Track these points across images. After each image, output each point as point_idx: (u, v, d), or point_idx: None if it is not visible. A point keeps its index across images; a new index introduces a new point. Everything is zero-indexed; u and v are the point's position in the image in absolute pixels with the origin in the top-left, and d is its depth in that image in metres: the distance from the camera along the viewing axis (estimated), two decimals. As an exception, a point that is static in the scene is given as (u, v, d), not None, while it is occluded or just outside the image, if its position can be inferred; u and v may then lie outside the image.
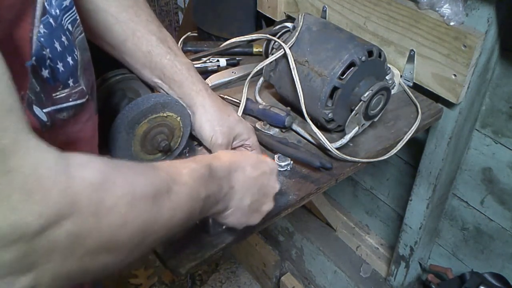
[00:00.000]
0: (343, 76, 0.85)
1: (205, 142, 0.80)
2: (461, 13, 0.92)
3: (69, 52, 0.52)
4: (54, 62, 0.50)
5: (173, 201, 0.46)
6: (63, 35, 0.51)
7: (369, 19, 1.09)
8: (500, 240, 1.19)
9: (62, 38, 0.51)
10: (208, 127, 0.77)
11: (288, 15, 1.31)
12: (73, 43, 0.54)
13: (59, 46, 0.50)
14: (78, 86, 0.55)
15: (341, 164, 0.86)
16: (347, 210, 1.68)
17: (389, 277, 1.49)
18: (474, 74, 0.96)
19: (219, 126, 0.77)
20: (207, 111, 0.77)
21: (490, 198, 1.17)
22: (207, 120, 0.77)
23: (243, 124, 0.81)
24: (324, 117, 0.88)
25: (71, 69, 0.53)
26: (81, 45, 0.57)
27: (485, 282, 1.16)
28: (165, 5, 2.44)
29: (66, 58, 0.52)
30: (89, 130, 0.61)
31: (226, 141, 0.78)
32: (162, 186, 0.45)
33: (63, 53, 0.51)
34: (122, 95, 0.81)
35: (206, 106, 0.77)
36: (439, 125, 1.08)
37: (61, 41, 0.50)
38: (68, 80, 0.53)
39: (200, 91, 0.77)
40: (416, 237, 1.31)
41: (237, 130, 0.79)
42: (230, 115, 0.79)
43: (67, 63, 0.52)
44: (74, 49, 0.54)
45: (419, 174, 1.21)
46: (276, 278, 1.83)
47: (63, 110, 0.53)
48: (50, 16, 0.49)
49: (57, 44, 0.49)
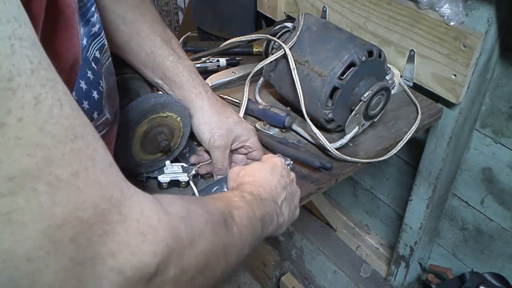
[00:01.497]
0: (343, 76, 0.85)
1: (203, 144, 0.80)
2: (461, 13, 0.92)
3: (95, 87, 0.52)
4: (80, 103, 0.49)
5: (237, 223, 0.50)
6: (89, 69, 0.51)
7: (369, 19, 1.09)
8: (500, 240, 1.19)
9: (88, 74, 0.50)
10: (206, 130, 0.78)
11: (288, 15, 1.31)
12: (99, 73, 0.53)
13: (84, 85, 0.49)
14: (102, 117, 0.54)
15: (341, 164, 0.86)
16: (347, 210, 1.68)
17: (389, 277, 1.49)
18: (474, 74, 0.96)
19: (217, 128, 0.77)
20: (205, 113, 0.77)
21: (490, 198, 1.17)
22: (204, 123, 0.78)
23: (243, 125, 0.80)
24: (324, 117, 0.88)
25: (96, 103, 0.52)
26: (108, 71, 0.57)
27: (485, 282, 1.16)
28: (165, 5, 2.44)
29: (91, 94, 0.51)
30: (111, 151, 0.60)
31: (224, 143, 0.78)
32: (226, 212, 0.49)
33: (89, 90, 0.50)
34: (122, 95, 0.81)
35: (204, 109, 0.77)
36: (439, 125, 1.08)
37: (86, 77, 0.50)
38: (92, 115, 0.52)
39: (200, 93, 0.78)
40: (416, 237, 1.31)
41: (236, 132, 0.79)
42: (229, 117, 0.79)
43: (92, 99, 0.51)
44: (100, 80, 0.53)
45: (419, 174, 1.21)
46: (276, 278, 1.82)
47: None
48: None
49: (82, 84, 0.49)
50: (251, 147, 0.82)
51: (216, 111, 0.78)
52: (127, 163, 0.76)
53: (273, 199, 0.62)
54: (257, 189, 0.61)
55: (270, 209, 0.60)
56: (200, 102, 0.77)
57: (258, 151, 0.82)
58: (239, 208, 0.53)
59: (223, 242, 0.46)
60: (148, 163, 0.79)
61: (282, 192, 0.65)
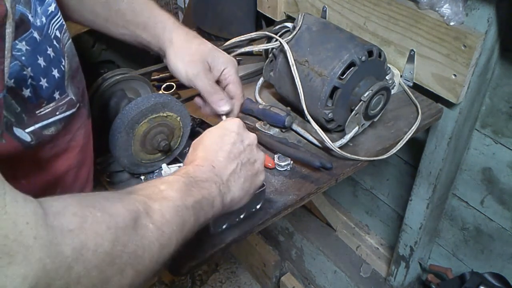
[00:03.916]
0: (343, 76, 0.85)
1: (183, 80, 0.74)
2: (461, 13, 0.92)
3: (55, 64, 0.51)
4: (36, 79, 0.48)
5: (156, 220, 0.44)
6: (50, 46, 0.50)
7: (369, 19, 1.09)
8: (500, 240, 1.19)
9: (47, 51, 0.49)
10: (179, 62, 0.72)
11: (288, 15, 1.31)
12: (61, 51, 0.53)
13: (43, 61, 0.48)
14: (65, 97, 0.53)
15: (341, 164, 0.86)
16: (347, 210, 1.68)
17: (389, 277, 1.49)
18: (474, 74, 0.96)
19: (189, 55, 0.72)
20: (174, 45, 0.72)
21: (490, 198, 1.17)
22: (175, 54, 0.72)
23: (219, 53, 0.75)
24: (324, 117, 0.88)
25: (57, 82, 0.51)
26: (70, 51, 0.56)
27: (485, 282, 1.16)
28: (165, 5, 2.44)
29: (51, 72, 0.50)
30: (82, 137, 0.59)
31: (202, 69, 0.72)
32: (140, 209, 0.43)
33: (48, 67, 0.49)
34: (122, 95, 0.81)
35: (173, 41, 0.72)
36: (439, 125, 1.08)
37: (46, 54, 0.49)
38: (53, 94, 0.51)
39: (166, 27, 0.72)
40: (416, 237, 1.31)
41: (212, 59, 0.73)
42: (201, 44, 0.73)
43: (52, 77, 0.50)
44: (62, 58, 0.52)
45: (419, 174, 1.21)
46: (276, 278, 1.82)
47: (50, 125, 0.52)
48: (34, 29, 0.47)
49: (41, 60, 0.47)
50: (227, 78, 0.74)
51: (186, 41, 0.73)
52: (127, 163, 0.77)
53: (216, 177, 0.56)
54: (195, 169, 0.55)
55: (209, 191, 0.54)
56: (168, 34, 0.72)
57: (234, 85, 0.75)
58: (163, 200, 0.47)
59: (130, 249, 0.40)
60: (148, 163, 0.79)
61: (230, 165, 0.58)
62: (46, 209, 0.35)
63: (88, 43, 0.88)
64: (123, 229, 0.40)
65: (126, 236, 0.40)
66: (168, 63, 0.73)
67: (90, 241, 0.36)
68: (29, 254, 0.31)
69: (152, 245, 0.43)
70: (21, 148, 0.49)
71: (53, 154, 0.55)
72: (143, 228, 0.43)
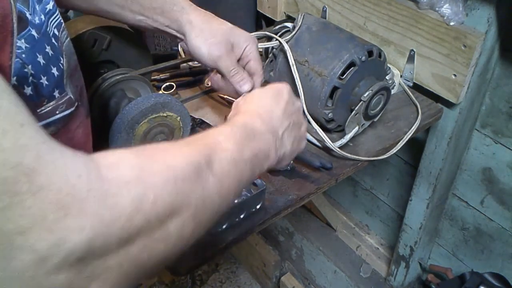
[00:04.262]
0: (343, 76, 0.85)
1: (205, 61, 0.74)
2: (461, 13, 0.92)
3: (54, 62, 0.51)
4: (37, 77, 0.47)
5: (216, 172, 0.44)
6: (48, 44, 0.49)
7: (369, 19, 1.09)
8: (500, 240, 1.19)
9: (46, 49, 0.49)
10: (202, 43, 0.72)
11: (288, 15, 1.31)
12: (59, 50, 0.52)
13: (42, 59, 0.48)
14: (65, 96, 0.53)
15: (341, 164, 0.86)
16: (347, 210, 1.68)
17: (389, 277, 1.49)
18: (474, 74, 0.96)
19: (212, 37, 0.72)
20: (195, 26, 0.72)
21: (490, 198, 1.17)
22: (197, 36, 0.72)
23: (239, 31, 0.75)
24: (324, 117, 0.88)
25: (56, 80, 0.51)
26: (68, 49, 0.56)
27: (485, 282, 1.16)
28: (165, 5, 2.44)
29: (50, 70, 0.50)
30: (81, 136, 0.59)
31: (225, 50, 0.72)
32: (201, 160, 0.43)
33: (47, 65, 0.49)
34: (122, 95, 0.82)
35: (193, 22, 0.72)
36: (439, 125, 1.08)
37: (45, 52, 0.49)
38: (53, 92, 0.51)
39: (183, 8, 0.72)
40: (416, 237, 1.31)
41: (233, 38, 0.74)
42: (221, 23, 0.74)
43: (52, 75, 0.50)
44: (60, 57, 0.52)
45: (419, 174, 1.21)
46: (276, 278, 1.82)
47: (50, 124, 0.51)
48: (32, 27, 0.47)
49: (40, 58, 0.47)
50: (248, 56, 0.75)
51: (206, 21, 0.73)
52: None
53: (273, 130, 0.57)
54: (252, 120, 0.55)
55: (266, 143, 0.55)
56: (186, 16, 0.72)
57: (255, 62, 0.76)
58: (222, 151, 0.47)
59: (192, 202, 0.40)
60: (148, 163, 0.79)
61: (285, 121, 0.59)
62: (99, 163, 0.35)
63: (88, 43, 0.88)
64: (183, 181, 0.40)
65: (186, 188, 0.40)
66: (190, 45, 0.73)
67: (149, 192, 0.36)
68: (84, 207, 0.31)
69: (212, 196, 0.43)
70: None
71: None
72: (204, 180, 0.42)
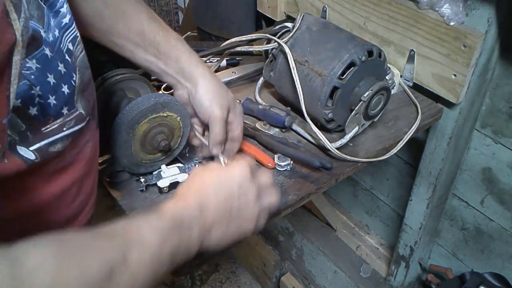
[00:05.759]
0: (343, 76, 0.85)
1: (203, 113, 0.76)
2: (461, 13, 0.92)
3: (66, 80, 0.50)
4: (44, 98, 0.47)
5: (133, 269, 0.45)
6: (61, 62, 0.49)
7: (369, 19, 1.09)
8: (500, 240, 1.19)
9: (59, 67, 0.48)
10: (209, 99, 0.75)
11: (288, 15, 1.31)
12: (72, 66, 0.52)
13: (53, 79, 0.47)
14: (74, 112, 0.52)
15: (341, 164, 0.86)
16: (347, 210, 1.68)
17: (389, 277, 1.49)
18: (474, 74, 0.96)
19: (220, 99, 0.75)
20: (208, 82, 0.75)
21: (490, 198, 1.17)
22: (208, 91, 0.75)
23: (237, 103, 0.79)
24: (324, 117, 0.88)
25: (66, 98, 0.50)
26: (82, 64, 0.56)
27: (485, 282, 1.16)
28: (165, 5, 2.44)
29: (60, 89, 0.49)
30: (89, 150, 0.59)
31: (225, 116, 0.75)
32: (118, 258, 0.44)
33: (58, 84, 0.48)
34: (122, 95, 0.82)
35: (207, 78, 0.75)
36: (439, 125, 1.08)
37: (57, 71, 0.48)
38: (61, 110, 0.50)
39: (198, 63, 0.76)
40: (416, 237, 1.31)
41: (232, 105, 0.77)
42: (227, 91, 0.77)
43: (61, 94, 0.49)
44: (73, 73, 0.52)
45: (419, 174, 1.21)
46: (276, 278, 1.82)
47: (56, 142, 0.51)
48: (46, 46, 0.47)
49: (51, 77, 0.47)
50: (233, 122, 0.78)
51: (217, 83, 0.76)
52: (127, 163, 0.77)
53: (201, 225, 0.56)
54: (182, 210, 0.55)
55: (189, 237, 0.54)
56: (202, 70, 0.75)
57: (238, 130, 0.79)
58: (143, 248, 0.48)
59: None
60: (148, 163, 0.79)
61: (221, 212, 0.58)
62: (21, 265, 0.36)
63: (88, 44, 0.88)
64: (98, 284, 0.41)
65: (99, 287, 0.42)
66: (196, 94, 0.75)
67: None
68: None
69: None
70: (24, 166, 0.48)
71: (58, 168, 0.55)
72: (118, 278, 0.44)
